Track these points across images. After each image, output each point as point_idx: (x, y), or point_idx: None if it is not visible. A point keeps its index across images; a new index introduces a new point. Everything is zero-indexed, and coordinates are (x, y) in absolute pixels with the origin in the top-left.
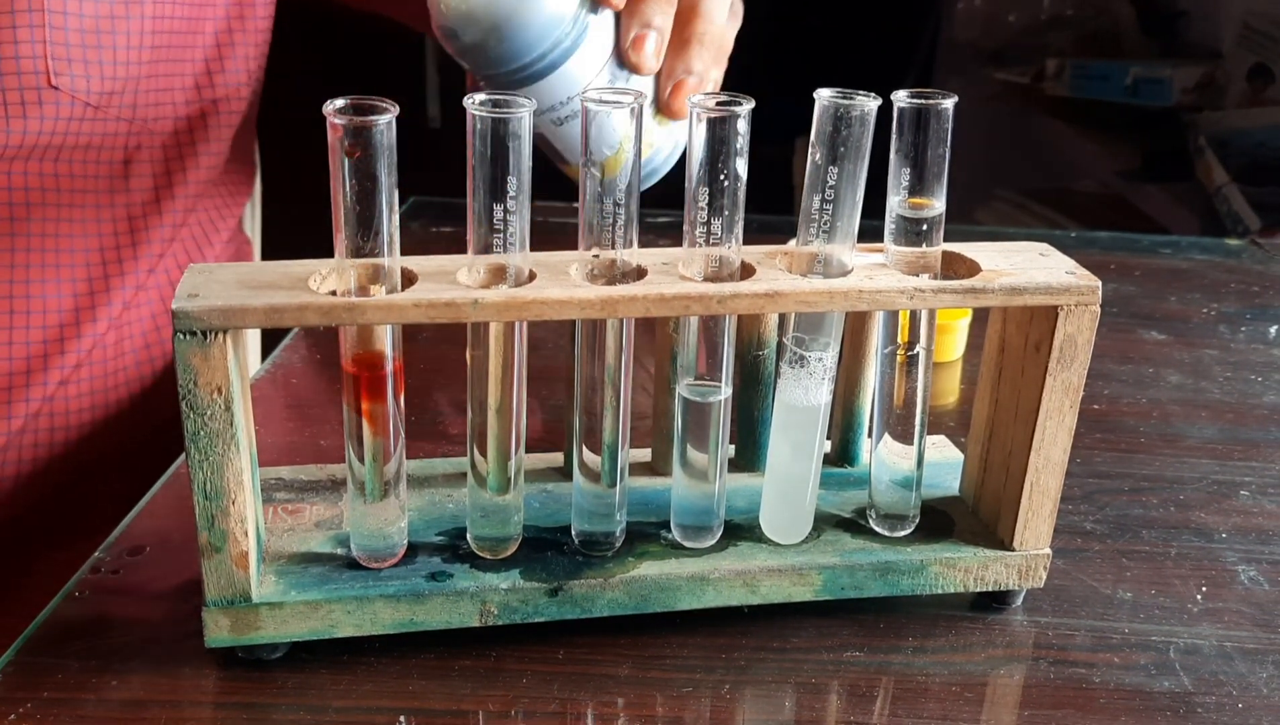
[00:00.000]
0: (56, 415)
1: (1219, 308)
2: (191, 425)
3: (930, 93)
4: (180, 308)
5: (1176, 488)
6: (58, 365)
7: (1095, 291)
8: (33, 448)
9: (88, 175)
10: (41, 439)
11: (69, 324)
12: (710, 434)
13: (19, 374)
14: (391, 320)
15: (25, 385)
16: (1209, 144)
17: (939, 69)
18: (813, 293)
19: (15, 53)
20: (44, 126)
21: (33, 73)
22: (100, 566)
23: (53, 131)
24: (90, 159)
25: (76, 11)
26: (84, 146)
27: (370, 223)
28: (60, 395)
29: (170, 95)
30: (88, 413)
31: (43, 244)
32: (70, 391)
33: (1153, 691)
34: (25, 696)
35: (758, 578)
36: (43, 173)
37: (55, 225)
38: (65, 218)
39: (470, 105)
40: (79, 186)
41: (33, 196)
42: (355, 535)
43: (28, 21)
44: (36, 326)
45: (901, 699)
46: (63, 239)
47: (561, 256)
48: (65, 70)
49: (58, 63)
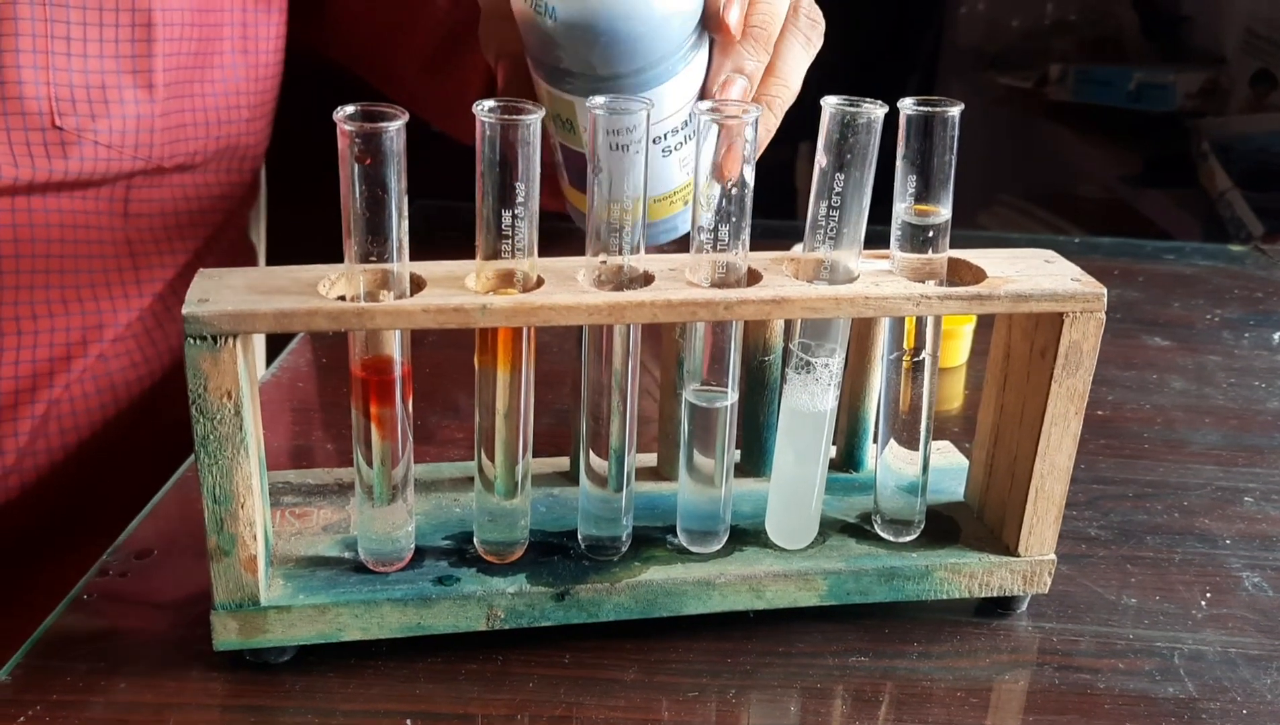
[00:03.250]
0: (64, 423)
1: (1222, 313)
2: (201, 429)
3: (936, 100)
4: (190, 313)
5: (1180, 494)
6: (63, 383)
7: (1101, 298)
8: (46, 453)
9: (95, 218)
10: (53, 444)
11: (76, 342)
12: (716, 439)
13: (24, 392)
14: (400, 325)
15: (30, 402)
16: (1212, 149)
17: (941, 73)
18: (819, 299)
19: (19, 93)
20: (53, 166)
21: (37, 114)
22: (108, 569)
23: (65, 171)
24: (103, 194)
25: (81, 54)
26: (96, 182)
27: (379, 228)
28: (68, 405)
29: (184, 131)
30: (97, 419)
31: (47, 265)
32: (77, 402)
33: (1157, 697)
34: (34, 699)
35: (763, 583)
36: (48, 213)
37: (60, 246)
38: (73, 242)
39: (479, 111)
40: (89, 219)
41: (38, 230)
42: (363, 539)
43: (31, 62)
44: (44, 345)
45: (906, 704)
46: (68, 260)
47: (569, 262)
48: (70, 111)
49: (61, 104)
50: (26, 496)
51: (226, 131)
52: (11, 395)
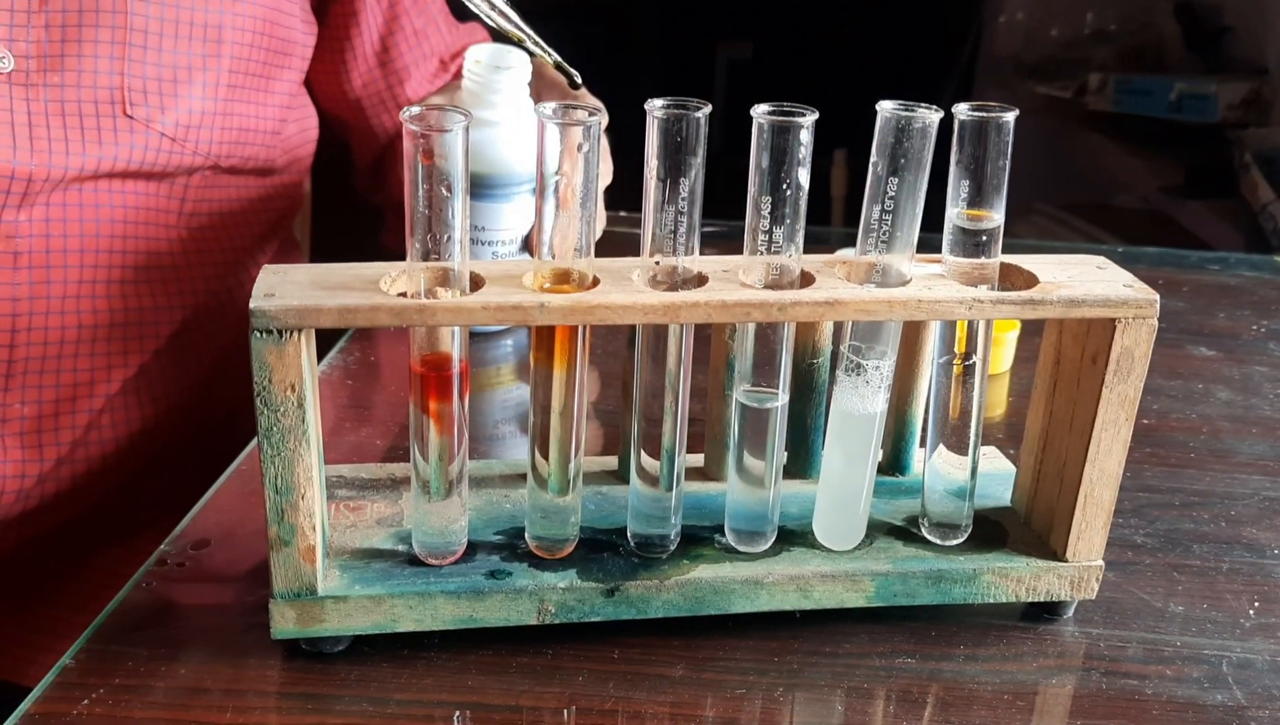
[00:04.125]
0: (117, 416)
1: (1268, 324)
2: (265, 421)
3: (991, 106)
4: (258, 307)
5: (1227, 503)
6: (120, 377)
7: (1153, 305)
8: (99, 445)
9: (158, 204)
10: (105, 437)
11: (131, 338)
12: (767, 440)
13: (83, 385)
14: (460, 322)
15: (89, 395)
16: (1254, 161)
17: (979, 82)
18: (873, 302)
19: (94, 81)
20: (119, 153)
21: (109, 101)
22: (166, 559)
23: (129, 159)
24: (162, 189)
25: (156, 46)
26: (157, 176)
27: (441, 227)
28: (120, 399)
29: (244, 135)
30: (149, 413)
31: (109, 261)
32: (130, 396)
33: (1206, 705)
34: (97, 682)
35: (811, 583)
36: (112, 195)
37: (122, 241)
38: (133, 237)
39: (540, 113)
40: (147, 211)
41: (102, 222)
42: (417, 532)
43: (109, 53)
44: (101, 340)
45: (953, 706)
46: (129, 255)
47: (624, 263)
48: (141, 101)
49: (134, 94)
50: (79, 487)
51: (282, 141)
52: (70, 388)
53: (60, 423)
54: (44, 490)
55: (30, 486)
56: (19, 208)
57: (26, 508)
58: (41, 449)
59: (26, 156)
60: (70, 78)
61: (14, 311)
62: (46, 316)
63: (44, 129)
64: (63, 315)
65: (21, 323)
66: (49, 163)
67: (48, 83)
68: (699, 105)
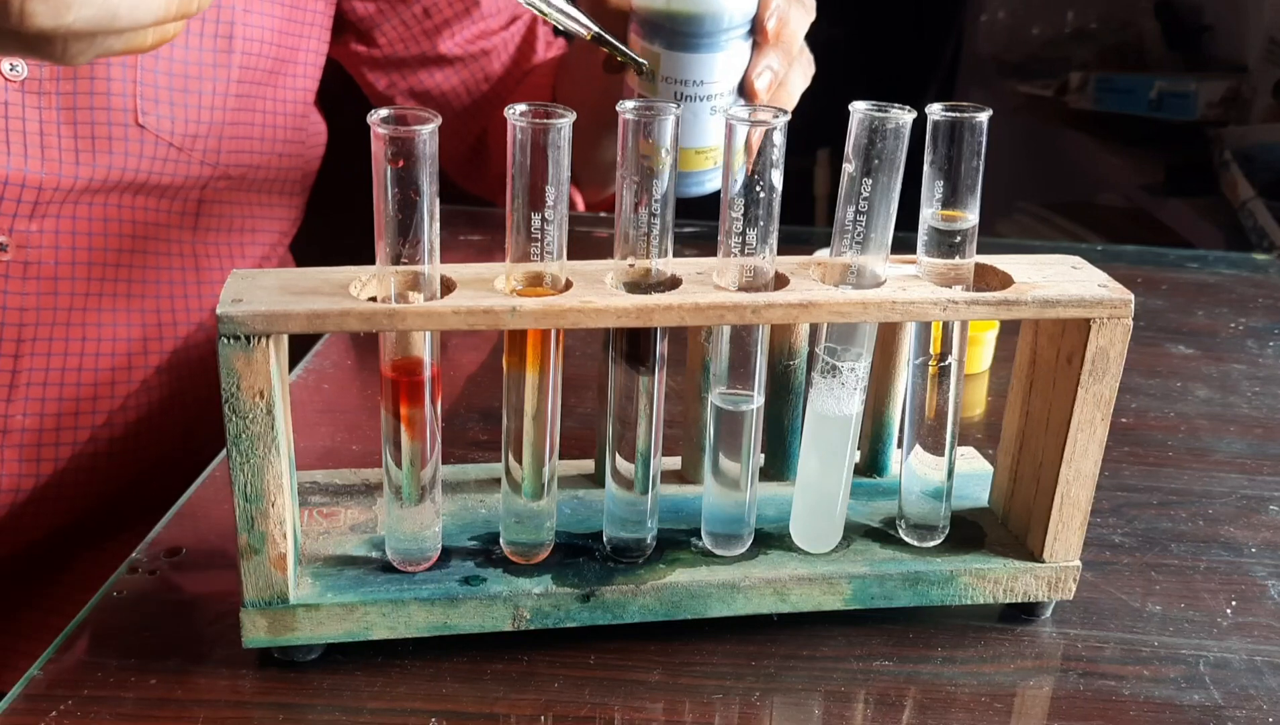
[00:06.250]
0: (117, 432)
1: (1247, 322)
2: (234, 428)
3: (964, 106)
4: (225, 313)
5: (1205, 502)
6: (124, 392)
7: (1128, 305)
8: (91, 457)
9: (167, 219)
10: (102, 449)
11: (136, 353)
12: (742, 442)
13: (85, 400)
14: (431, 327)
15: (92, 411)
16: (1234, 158)
17: (961, 82)
18: (847, 303)
19: (107, 89)
20: (128, 163)
21: (122, 110)
22: (138, 567)
23: (136, 169)
24: (169, 199)
25: (167, 55)
26: (165, 186)
27: (411, 231)
28: (119, 417)
29: (250, 143)
30: (148, 429)
31: (116, 274)
32: (133, 414)
33: (1183, 705)
34: (66, 694)
35: (788, 586)
36: (121, 209)
37: (131, 255)
38: (143, 252)
39: (510, 116)
40: (156, 225)
41: (110, 230)
42: (391, 539)
43: (121, 60)
44: (106, 353)
45: (931, 708)
46: (135, 269)
47: (597, 265)
48: (152, 110)
49: (145, 102)
50: (71, 496)
51: (287, 149)
52: (73, 402)
53: (61, 437)
54: (37, 500)
55: (23, 500)
56: (30, 218)
57: (19, 518)
58: (39, 463)
59: (38, 166)
60: (83, 85)
61: (20, 321)
62: (52, 327)
63: (55, 137)
64: (68, 327)
65: (28, 333)
66: (59, 172)
67: (60, 91)
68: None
